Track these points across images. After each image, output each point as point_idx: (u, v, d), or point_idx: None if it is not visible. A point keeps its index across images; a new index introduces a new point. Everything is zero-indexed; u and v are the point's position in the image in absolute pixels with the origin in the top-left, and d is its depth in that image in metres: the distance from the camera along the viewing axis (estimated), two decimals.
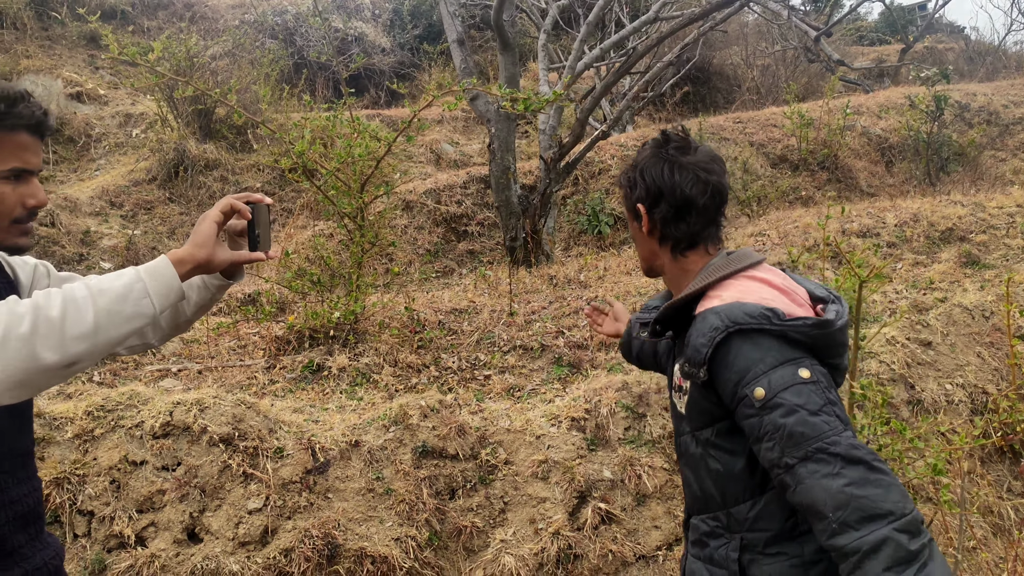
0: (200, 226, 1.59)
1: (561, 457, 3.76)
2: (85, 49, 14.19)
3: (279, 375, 4.61)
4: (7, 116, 1.53)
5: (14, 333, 1.31)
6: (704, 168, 1.82)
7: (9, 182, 1.56)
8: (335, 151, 4.68)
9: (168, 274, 1.49)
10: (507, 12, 6.04)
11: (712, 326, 1.68)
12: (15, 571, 1.61)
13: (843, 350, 1.76)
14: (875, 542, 1.51)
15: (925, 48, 16.85)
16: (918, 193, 7.64)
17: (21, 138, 1.56)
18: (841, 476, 1.54)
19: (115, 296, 1.42)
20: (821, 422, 1.57)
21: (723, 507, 1.80)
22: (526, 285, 5.85)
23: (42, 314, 1.34)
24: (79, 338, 1.36)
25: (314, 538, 3.39)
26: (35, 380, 1.33)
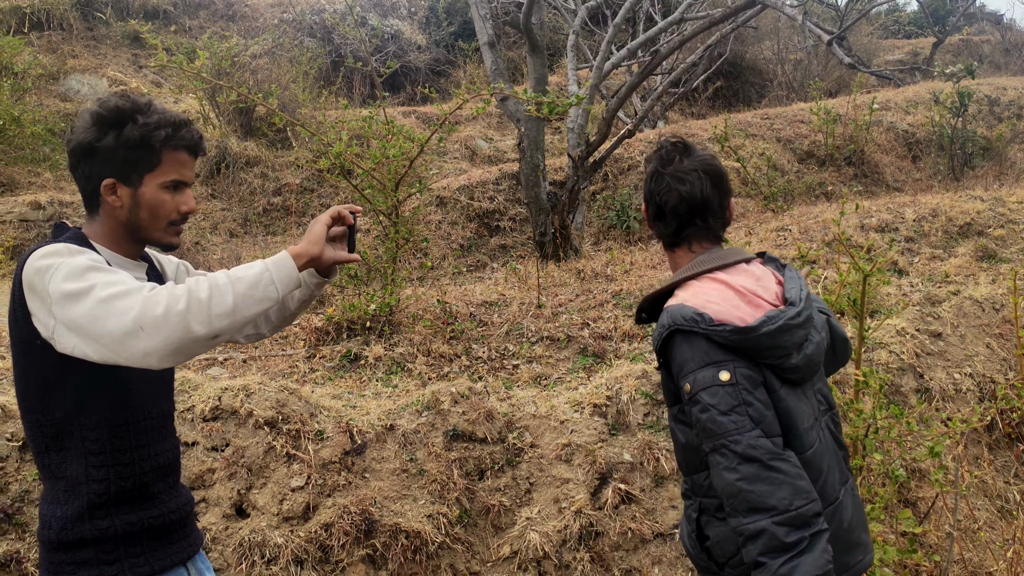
0: (314, 227, 1.90)
1: (583, 441, 3.99)
2: (129, 49, 14.61)
3: (319, 364, 4.89)
4: (173, 138, 1.89)
5: (173, 310, 1.62)
6: (679, 179, 2.04)
7: (169, 191, 1.91)
8: (371, 151, 4.93)
9: (289, 265, 1.80)
10: (536, 16, 6.25)
11: (662, 323, 1.97)
12: (153, 511, 1.94)
13: (778, 352, 1.92)
14: (754, 531, 1.79)
15: (960, 40, 16.70)
16: (942, 188, 7.72)
17: (182, 156, 1.92)
18: (736, 471, 1.81)
19: (249, 283, 1.73)
20: (728, 421, 1.83)
21: (688, 473, 2.09)
22: (554, 279, 6.08)
23: (194, 296, 1.64)
24: (221, 315, 1.66)
25: (352, 514, 3.65)
26: (188, 348, 1.64)
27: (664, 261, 6.18)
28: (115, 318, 1.62)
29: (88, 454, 1.84)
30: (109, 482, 1.86)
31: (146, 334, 1.61)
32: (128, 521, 1.88)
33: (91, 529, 1.84)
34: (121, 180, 1.88)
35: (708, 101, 13.79)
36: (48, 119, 10.09)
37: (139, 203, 1.89)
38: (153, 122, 1.87)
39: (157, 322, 1.61)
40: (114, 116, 1.86)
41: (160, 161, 1.89)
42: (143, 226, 1.91)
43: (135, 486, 1.90)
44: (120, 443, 1.88)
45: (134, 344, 1.62)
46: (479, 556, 3.79)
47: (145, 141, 1.86)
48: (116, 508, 1.87)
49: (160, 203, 1.90)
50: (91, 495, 1.84)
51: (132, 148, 1.85)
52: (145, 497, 1.93)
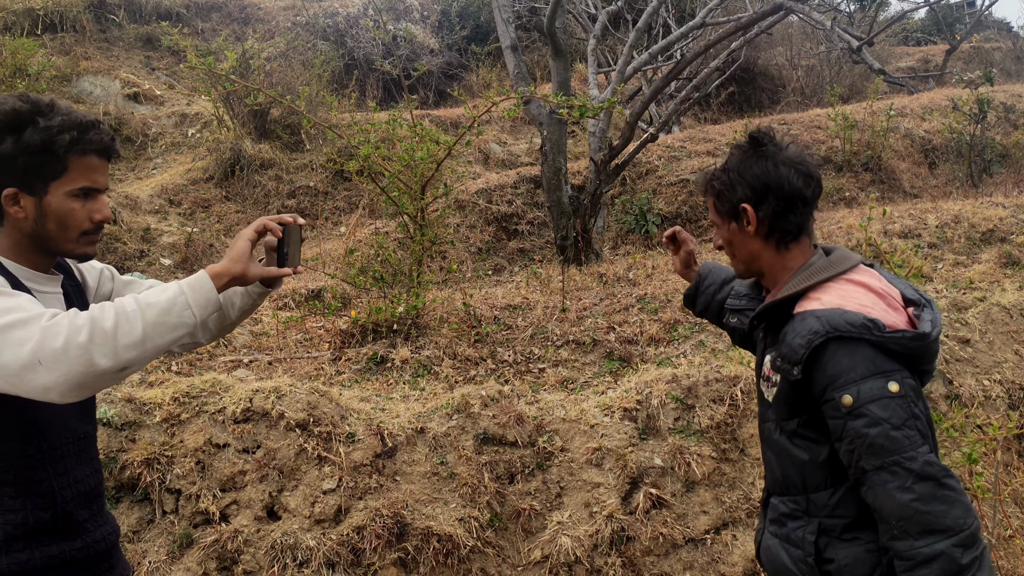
0: (236, 243, 1.79)
1: (614, 445, 3.98)
2: (141, 51, 14.65)
3: (344, 366, 4.89)
4: (79, 141, 1.73)
5: (74, 342, 1.51)
6: (803, 161, 1.93)
7: (79, 199, 1.76)
8: (396, 154, 4.94)
9: (207, 287, 1.69)
10: (559, 19, 6.27)
11: (811, 329, 1.79)
12: (77, 543, 1.81)
13: (935, 357, 1.85)
14: (930, 554, 1.66)
15: (972, 48, 16.70)
16: (960, 195, 7.72)
17: (91, 161, 1.76)
18: (910, 491, 1.68)
19: (160, 309, 1.61)
20: (902, 436, 1.70)
21: (803, 492, 1.92)
22: (577, 283, 6.08)
23: (98, 325, 1.53)
24: (129, 346, 1.55)
25: (384, 517, 3.65)
26: (91, 383, 1.54)
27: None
28: (10, 350, 1.50)
29: (2, 485, 1.70)
30: (27, 512, 1.72)
31: (44, 368, 1.49)
32: (49, 554, 1.74)
33: (7, 563, 1.69)
34: (23, 189, 1.72)
35: (721, 107, 13.80)
36: None
37: (45, 213, 1.73)
38: (56, 125, 1.70)
39: (56, 355, 1.49)
40: (11, 119, 1.69)
41: (66, 168, 1.73)
42: (51, 237, 1.76)
43: (56, 516, 1.77)
44: (34, 473, 1.73)
45: (32, 378, 1.50)
46: (510, 560, 3.79)
47: (48, 146, 1.70)
48: (36, 540, 1.73)
49: (69, 212, 1.74)
50: (7, 526, 1.69)
51: (33, 154, 1.69)
52: (68, 527, 1.79)
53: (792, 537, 1.95)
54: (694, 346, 4.90)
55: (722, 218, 2.03)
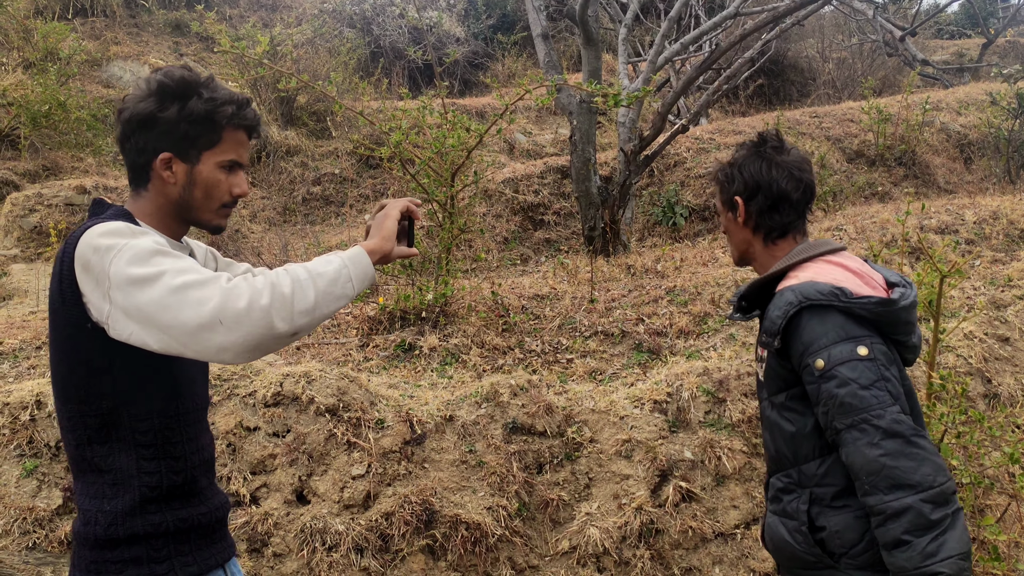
0: (386, 222, 1.83)
1: (644, 437, 3.95)
2: (170, 36, 14.72)
3: (372, 353, 4.88)
4: (236, 116, 1.81)
5: (257, 305, 1.54)
6: (797, 167, 2.10)
7: (225, 171, 1.83)
8: (427, 141, 4.92)
9: (365, 262, 1.72)
10: (592, 8, 6.21)
11: (787, 300, 1.94)
12: (201, 508, 1.86)
13: (909, 328, 1.98)
14: (899, 508, 1.75)
15: (1007, 42, 16.42)
16: (997, 191, 7.58)
17: (241, 136, 1.85)
18: (878, 447, 1.78)
19: (329, 279, 1.64)
20: (870, 395, 1.81)
21: (795, 464, 2.03)
22: (604, 274, 6.04)
23: (277, 290, 1.57)
24: (303, 312, 1.59)
25: (413, 504, 3.64)
26: (267, 344, 1.57)
27: (717, 258, 6.12)
28: (190, 308, 1.53)
29: (138, 446, 1.74)
30: (161, 475, 1.77)
31: (225, 328, 1.53)
32: (180, 517, 1.80)
33: (143, 525, 1.74)
34: (178, 155, 1.79)
35: (749, 99, 13.66)
36: (91, 105, 10.19)
37: (194, 181, 1.81)
38: (220, 98, 1.79)
39: (239, 316, 1.53)
40: (179, 87, 1.77)
41: (221, 139, 1.81)
42: (195, 206, 1.83)
43: (186, 480, 1.82)
44: (172, 435, 1.79)
45: (209, 337, 1.53)
46: (537, 550, 3.77)
47: (210, 116, 1.78)
48: (168, 503, 1.79)
49: (216, 183, 1.82)
50: (143, 488, 1.74)
51: (195, 123, 1.77)
52: (194, 492, 1.85)
53: (787, 510, 2.05)
54: (724, 339, 4.85)
55: (723, 207, 2.23)
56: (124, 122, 1.79)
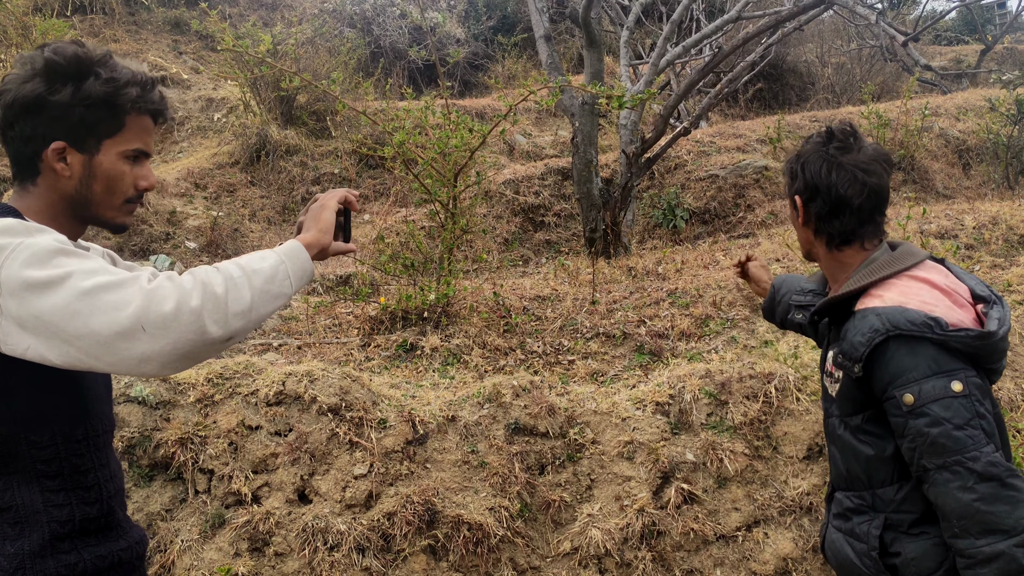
0: (323, 214, 1.69)
1: (646, 439, 3.96)
2: (169, 34, 14.72)
3: (374, 353, 4.88)
4: (141, 99, 1.60)
5: (186, 307, 1.37)
6: (863, 169, 1.88)
7: (130, 162, 1.62)
8: (433, 141, 4.93)
9: (303, 257, 1.59)
10: (595, 10, 6.22)
11: (872, 327, 1.77)
12: (121, 543, 1.66)
13: (1003, 355, 1.84)
14: (991, 554, 1.65)
15: (1004, 48, 16.48)
16: (996, 197, 7.61)
17: (146, 122, 1.64)
18: (973, 491, 1.67)
19: (265, 276, 1.50)
20: (965, 436, 1.68)
21: (869, 487, 1.92)
22: (606, 275, 6.05)
23: (209, 290, 1.40)
24: (238, 315, 1.43)
25: (415, 504, 3.64)
26: (198, 352, 1.40)
27: (718, 261, 6.13)
28: (103, 315, 1.33)
29: (42, 477, 1.51)
30: (72, 507, 1.55)
31: (148, 335, 1.33)
32: (97, 555, 1.59)
33: (55, 566, 1.52)
34: (74, 144, 1.56)
35: (748, 103, 13.70)
36: None
37: (93, 173, 1.58)
38: (121, 78, 1.57)
39: (165, 321, 1.34)
40: (73, 66, 1.54)
41: (124, 125, 1.59)
42: (94, 201, 1.60)
43: (102, 512, 1.61)
44: (80, 462, 1.57)
45: (129, 347, 1.34)
46: (539, 551, 3.77)
47: (110, 100, 1.56)
48: (83, 539, 1.57)
49: (119, 175, 1.60)
50: (53, 524, 1.52)
51: (93, 107, 1.54)
52: (111, 525, 1.65)
53: (857, 531, 1.95)
54: (726, 342, 4.86)
55: (790, 200, 2.05)
56: (5, 107, 1.55)
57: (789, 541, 3.70)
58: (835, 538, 2.02)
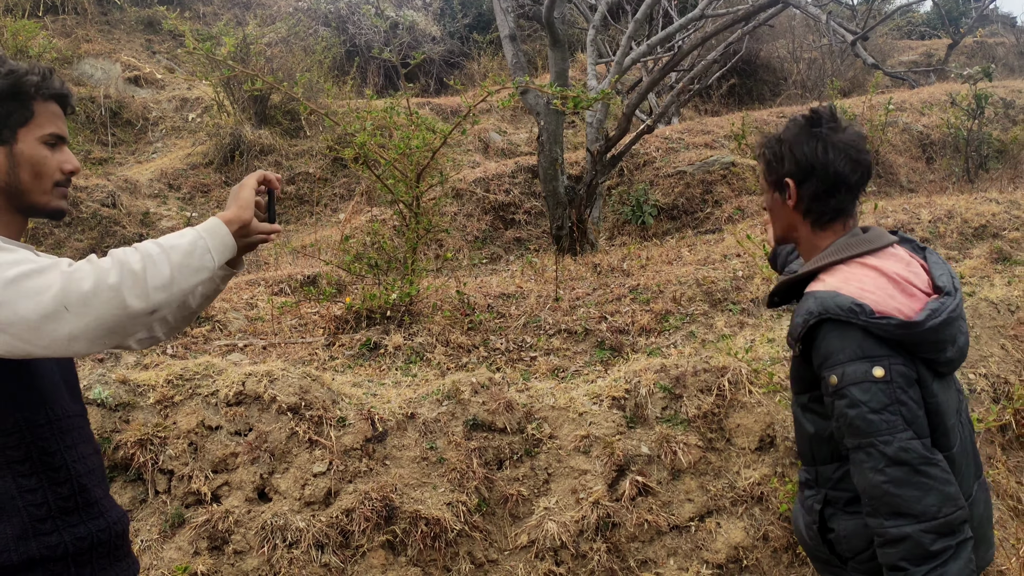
0: (242, 192, 1.75)
1: (602, 433, 4.03)
2: (143, 34, 14.66)
3: (338, 352, 4.94)
4: (43, 86, 1.66)
5: (104, 284, 1.44)
6: (855, 147, 1.93)
7: (48, 147, 1.68)
8: (393, 142, 4.98)
9: (223, 232, 1.65)
10: (558, 10, 6.29)
11: (807, 309, 1.86)
12: (100, 522, 1.72)
13: (941, 347, 1.84)
14: (897, 536, 1.71)
15: (975, 42, 16.67)
16: (956, 190, 7.74)
17: (54, 107, 1.71)
18: (883, 473, 1.73)
19: (183, 251, 1.57)
20: (880, 420, 1.74)
21: (813, 464, 2.01)
22: (571, 272, 6.12)
23: (127, 267, 1.47)
24: (159, 288, 1.50)
25: (373, 500, 3.70)
26: (123, 326, 1.47)
27: (682, 256, 6.22)
28: (28, 300, 1.40)
29: (11, 463, 1.57)
30: (45, 490, 1.61)
31: (72, 314, 1.41)
32: (77, 535, 1.65)
33: (38, 547, 1.58)
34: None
35: (722, 98, 13.80)
36: None
37: (18, 163, 1.64)
38: (19, 69, 1.63)
39: (85, 299, 1.42)
40: None
41: (33, 112, 1.65)
42: (26, 190, 1.66)
43: (73, 491, 1.67)
44: (46, 445, 1.63)
45: (55, 328, 1.40)
46: (497, 544, 3.84)
47: (14, 90, 1.62)
48: (62, 520, 1.63)
49: (42, 160, 1.66)
50: (29, 507, 1.58)
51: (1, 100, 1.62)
52: (88, 504, 1.70)
53: (805, 504, 2.06)
54: (684, 336, 4.95)
55: (768, 186, 2.07)
56: None
57: (741, 530, 3.79)
58: (795, 510, 2.16)
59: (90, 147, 11.24)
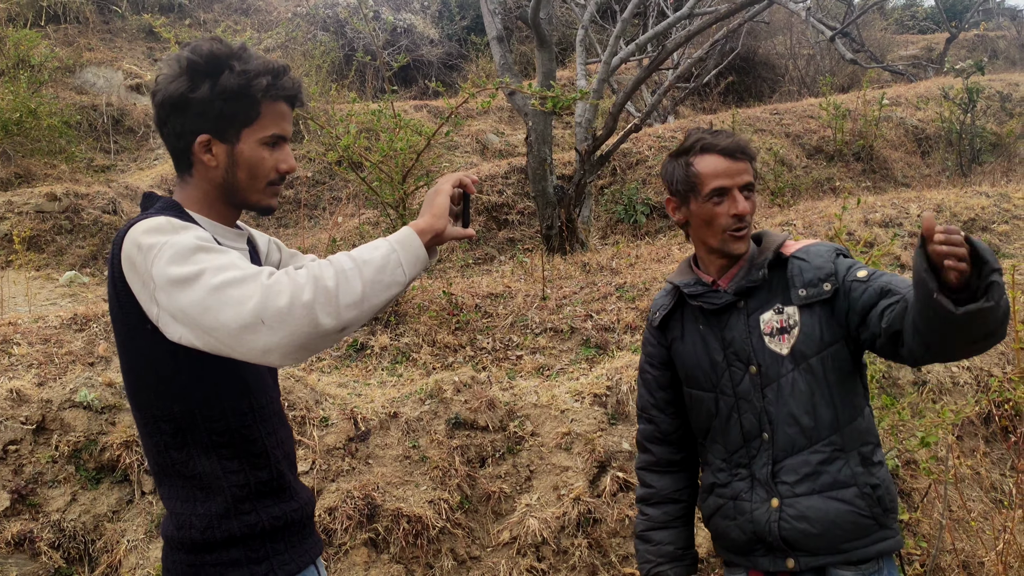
0: (437, 199, 1.68)
1: (583, 430, 4.06)
2: (144, 42, 14.76)
3: (325, 353, 4.98)
4: (273, 87, 1.68)
5: (298, 301, 1.43)
6: None
7: (268, 147, 1.72)
8: (378, 145, 5.02)
9: (416, 244, 1.58)
10: (544, 10, 6.32)
11: (828, 249, 2.06)
12: (293, 503, 1.81)
13: None
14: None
15: (976, 36, 16.62)
16: (950, 184, 7.73)
17: (281, 108, 1.73)
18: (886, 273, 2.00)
19: (376, 267, 1.52)
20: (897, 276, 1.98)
21: (836, 429, 2.00)
22: (560, 271, 6.15)
23: (320, 284, 1.46)
24: (350, 306, 1.47)
25: (356, 499, 3.74)
26: (314, 343, 1.47)
27: (671, 254, 6.24)
28: (230, 309, 1.43)
29: (218, 447, 1.68)
30: (246, 473, 1.71)
31: (267, 328, 1.42)
32: (273, 515, 1.75)
33: (239, 526, 1.69)
34: (217, 136, 1.68)
35: (720, 96, 13.80)
36: (64, 112, 10.25)
37: (236, 162, 1.69)
38: (253, 69, 1.65)
39: (281, 315, 1.42)
40: (209, 63, 1.65)
41: (260, 114, 1.68)
42: (241, 187, 1.72)
43: (272, 476, 1.76)
44: (249, 432, 1.72)
45: (252, 339, 1.43)
46: (479, 541, 3.87)
47: (244, 91, 1.65)
48: (259, 502, 1.73)
49: (259, 160, 1.71)
50: (233, 488, 1.69)
51: (229, 99, 1.65)
52: (283, 487, 1.79)
53: (839, 479, 1.98)
54: None
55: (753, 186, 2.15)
56: (158, 106, 1.69)
57: None
58: (810, 504, 1.99)
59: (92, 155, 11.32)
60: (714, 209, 2.06)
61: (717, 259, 2.14)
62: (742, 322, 2.09)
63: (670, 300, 2.23)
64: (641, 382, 2.32)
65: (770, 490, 2.03)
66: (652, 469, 2.29)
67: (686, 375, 2.19)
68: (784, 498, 2.00)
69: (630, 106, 11.12)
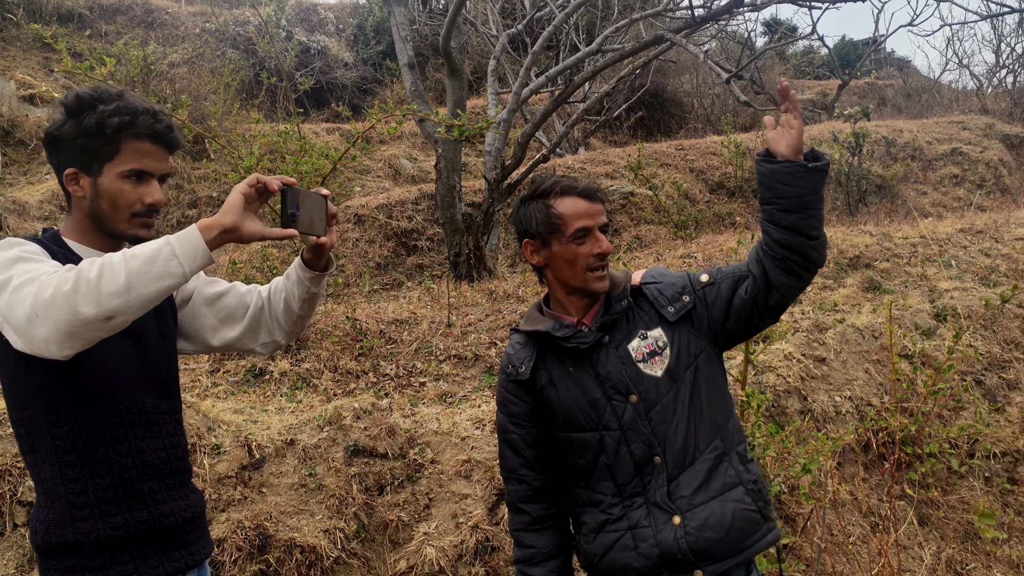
0: (230, 196, 1.76)
1: (483, 457, 4.06)
2: (40, 52, 14.19)
3: (222, 378, 4.85)
4: (130, 125, 1.83)
5: (60, 292, 1.55)
6: None
7: (130, 181, 1.85)
8: (284, 167, 4.95)
9: (195, 238, 1.66)
10: (455, 40, 6.38)
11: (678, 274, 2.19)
12: (143, 514, 1.84)
13: None
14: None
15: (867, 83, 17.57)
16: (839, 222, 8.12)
17: (143, 145, 1.86)
18: None
19: (144, 259, 1.61)
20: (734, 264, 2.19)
21: (717, 432, 2.08)
22: (466, 299, 6.16)
23: (83, 276, 1.56)
24: (113, 295, 1.56)
25: (246, 529, 3.64)
26: (80, 331, 1.56)
27: None
28: (19, 306, 1.57)
29: (60, 453, 1.76)
30: (85, 481, 1.77)
31: (40, 320, 1.55)
32: (113, 524, 1.78)
33: (73, 533, 1.75)
34: (82, 169, 1.85)
35: (629, 130, 14.15)
36: None
37: (99, 193, 1.84)
38: (111, 110, 1.80)
39: (46, 305, 1.54)
40: (76, 104, 1.83)
41: (119, 150, 1.83)
42: (105, 217, 1.86)
43: (114, 484, 1.80)
44: (91, 439, 1.78)
45: (35, 332, 1.55)
46: (375, 571, 3.81)
47: (100, 129, 1.81)
48: (99, 509, 1.78)
49: (119, 192, 1.84)
50: (69, 495, 1.75)
51: (90, 136, 1.81)
52: (131, 497, 1.83)
53: (726, 482, 2.05)
54: None
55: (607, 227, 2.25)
56: (44, 144, 1.89)
57: None
58: (710, 511, 2.02)
59: None
60: (577, 249, 2.09)
61: (579, 299, 2.17)
62: (613, 355, 2.11)
63: (530, 351, 2.19)
64: (505, 443, 2.26)
65: (669, 509, 2.04)
66: (529, 529, 2.24)
67: (564, 420, 2.15)
68: (684, 512, 2.02)
69: (543, 137, 11.29)
